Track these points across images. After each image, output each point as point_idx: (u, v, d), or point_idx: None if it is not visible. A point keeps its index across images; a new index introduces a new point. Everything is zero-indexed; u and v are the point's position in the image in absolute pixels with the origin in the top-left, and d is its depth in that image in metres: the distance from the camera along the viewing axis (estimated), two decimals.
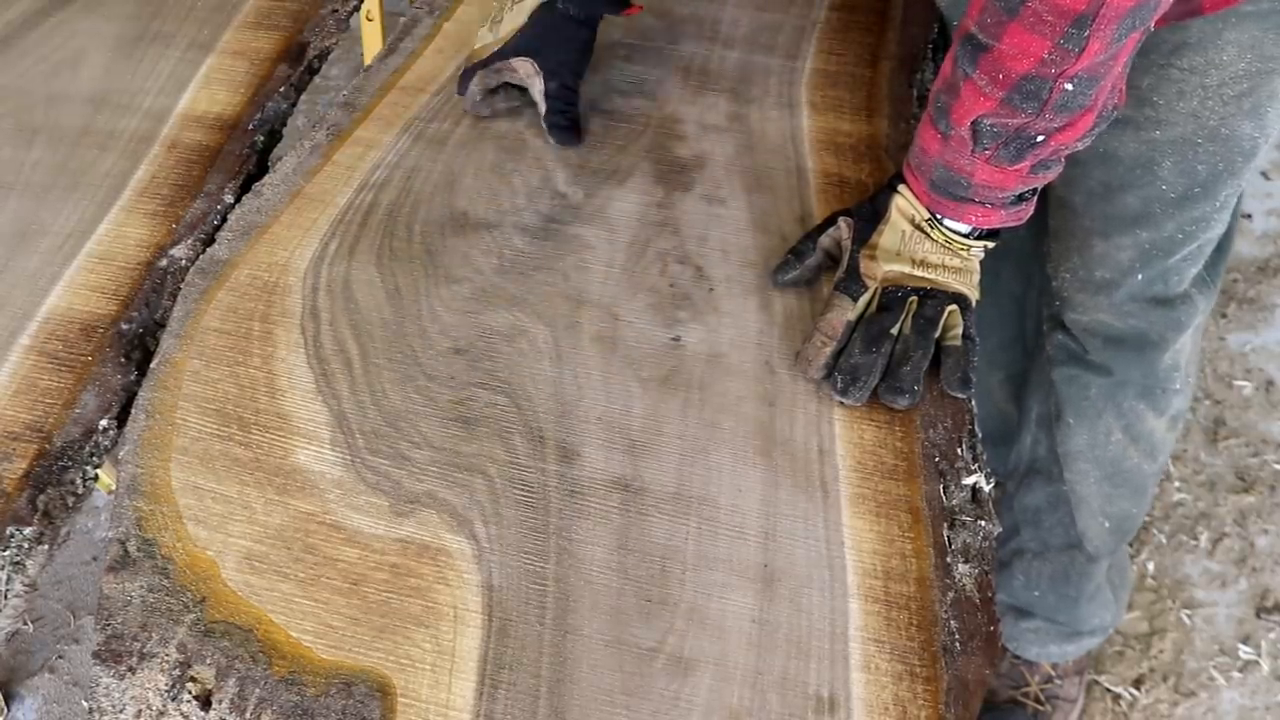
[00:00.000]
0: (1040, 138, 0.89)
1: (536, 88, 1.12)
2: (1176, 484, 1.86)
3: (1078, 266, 1.23)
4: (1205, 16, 0.99)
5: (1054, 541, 1.43)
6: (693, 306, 1.03)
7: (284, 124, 1.26)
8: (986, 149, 0.91)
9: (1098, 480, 1.36)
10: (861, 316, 0.96)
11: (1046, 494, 1.41)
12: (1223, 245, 1.25)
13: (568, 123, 1.15)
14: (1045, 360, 1.35)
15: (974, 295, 0.98)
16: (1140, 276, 1.20)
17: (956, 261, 0.98)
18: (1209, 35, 1.01)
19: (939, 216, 0.98)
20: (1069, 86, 0.84)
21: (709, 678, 0.77)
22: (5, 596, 0.85)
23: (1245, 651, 1.65)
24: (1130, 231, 1.16)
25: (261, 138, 1.22)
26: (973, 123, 0.90)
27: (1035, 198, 0.98)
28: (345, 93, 1.26)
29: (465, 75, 1.17)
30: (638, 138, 1.22)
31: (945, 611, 0.81)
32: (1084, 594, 1.46)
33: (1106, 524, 1.39)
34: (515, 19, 1.12)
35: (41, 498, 0.88)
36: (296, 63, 1.31)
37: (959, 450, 0.92)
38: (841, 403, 0.94)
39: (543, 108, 1.14)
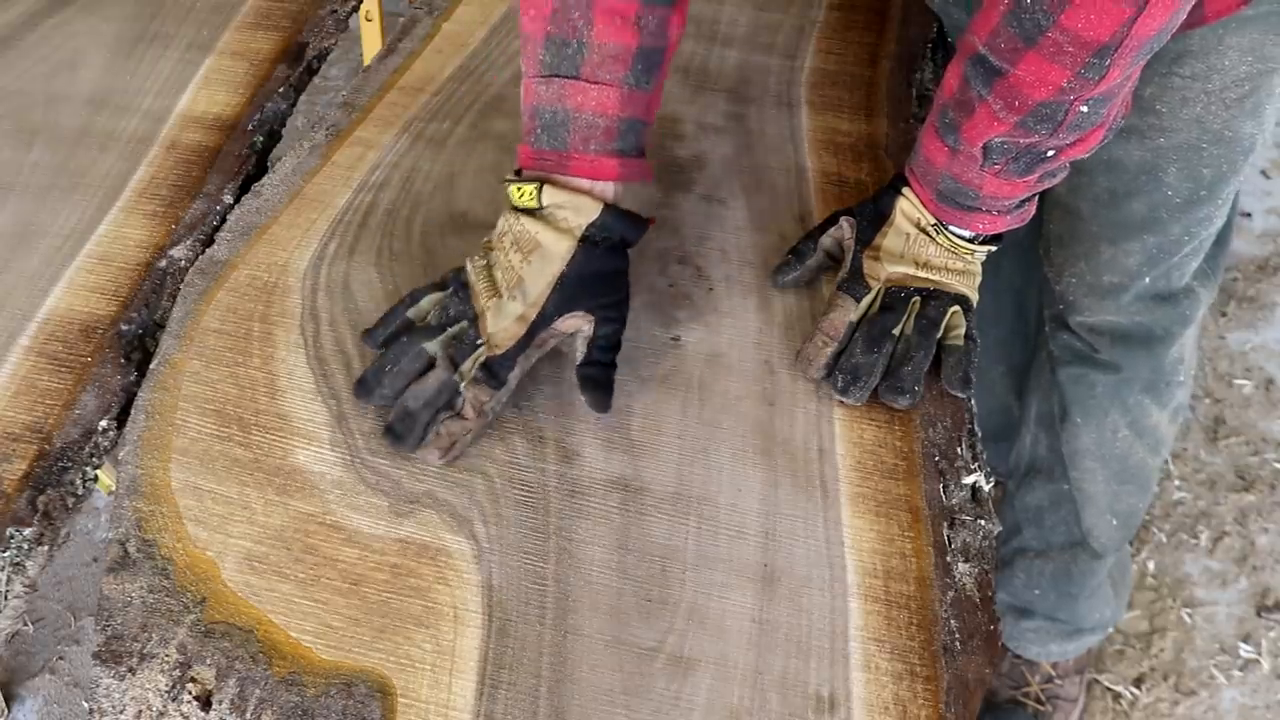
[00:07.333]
0: (1051, 153, 0.88)
1: (583, 334, 0.93)
2: (1177, 482, 1.86)
3: (1085, 272, 1.22)
4: (1208, 25, 0.99)
5: (1056, 540, 1.43)
6: (692, 306, 1.03)
7: (283, 124, 1.26)
8: (996, 164, 0.90)
9: (1105, 478, 1.36)
10: (864, 317, 0.96)
11: (1048, 492, 1.41)
12: (1221, 237, 1.26)
13: (605, 379, 0.92)
14: (1048, 360, 1.34)
15: (975, 297, 0.98)
16: (1147, 279, 1.20)
17: (960, 264, 0.98)
18: (1210, 42, 1.01)
19: (945, 224, 0.98)
20: (1084, 109, 0.84)
21: (709, 677, 0.77)
22: (5, 597, 0.85)
23: (1246, 650, 1.65)
24: (1138, 237, 1.16)
25: (261, 138, 1.22)
26: (984, 143, 0.89)
27: (1036, 198, 0.98)
28: (344, 93, 1.26)
29: (502, 366, 0.89)
30: None
31: (945, 611, 0.81)
32: (1085, 591, 1.46)
33: (1114, 521, 1.40)
34: (544, 269, 0.90)
35: (41, 499, 0.88)
36: (295, 63, 1.31)
37: (959, 449, 0.92)
38: (842, 402, 0.94)
39: (580, 355, 0.92)
